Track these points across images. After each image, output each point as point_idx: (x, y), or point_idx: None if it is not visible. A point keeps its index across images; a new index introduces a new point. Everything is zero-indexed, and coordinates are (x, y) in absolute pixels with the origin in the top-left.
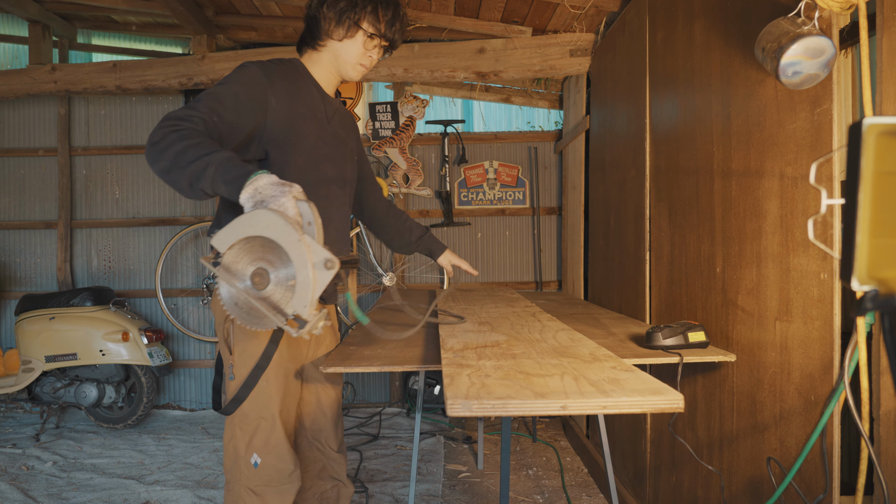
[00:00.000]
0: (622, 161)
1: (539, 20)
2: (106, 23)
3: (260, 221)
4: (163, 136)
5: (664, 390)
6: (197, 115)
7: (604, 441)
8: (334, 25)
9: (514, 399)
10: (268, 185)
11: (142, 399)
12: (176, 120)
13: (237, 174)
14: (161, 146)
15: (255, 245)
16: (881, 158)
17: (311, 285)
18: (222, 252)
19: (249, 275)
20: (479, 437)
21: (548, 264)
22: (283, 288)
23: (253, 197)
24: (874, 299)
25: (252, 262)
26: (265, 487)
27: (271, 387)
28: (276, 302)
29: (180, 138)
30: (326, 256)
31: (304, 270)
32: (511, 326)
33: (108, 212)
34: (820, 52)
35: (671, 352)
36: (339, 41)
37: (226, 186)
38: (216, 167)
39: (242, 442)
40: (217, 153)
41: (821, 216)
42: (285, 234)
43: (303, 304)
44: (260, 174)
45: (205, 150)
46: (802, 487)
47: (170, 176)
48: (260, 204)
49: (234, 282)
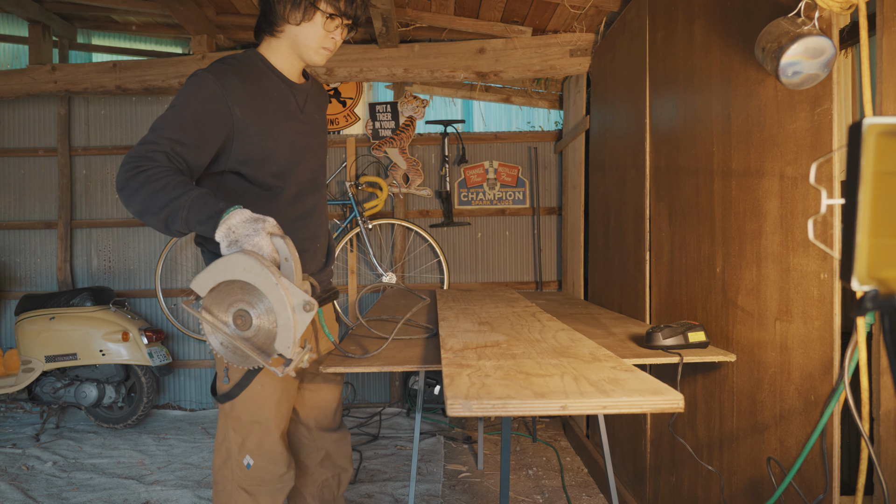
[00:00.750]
0: (622, 161)
1: (539, 20)
2: (106, 23)
3: (237, 265)
4: (128, 179)
5: (664, 390)
6: (159, 150)
7: (604, 441)
8: (290, 8)
9: (514, 399)
10: (241, 224)
11: (142, 399)
12: (139, 160)
13: (209, 213)
14: (129, 191)
15: (235, 287)
16: (881, 158)
17: (291, 328)
18: (202, 295)
19: (231, 317)
20: (479, 437)
21: (548, 264)
22: (265, 329)
23: (227, 236)
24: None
25: (233, 304)
26: (258, 487)
27: (266, 391)
28: (261, 343)
29: (146, 181)
30: (305, 299)
31: (285, 313)
32: (511, 326)
33: (108, 212)
34: (820, 52)
35: (671, 352)
36: (296, 25)
37: (200, 226)
38: (188, 209)
39: (235, 444)
40: (187, 194)
41: (821, 216)
42: (262, 278)
43: (286, 345)
44: (232, 211)
45: (174, 191)
46: (802, 487)
47: (144, 218)
48: (235, 244)
49: (217, 324)
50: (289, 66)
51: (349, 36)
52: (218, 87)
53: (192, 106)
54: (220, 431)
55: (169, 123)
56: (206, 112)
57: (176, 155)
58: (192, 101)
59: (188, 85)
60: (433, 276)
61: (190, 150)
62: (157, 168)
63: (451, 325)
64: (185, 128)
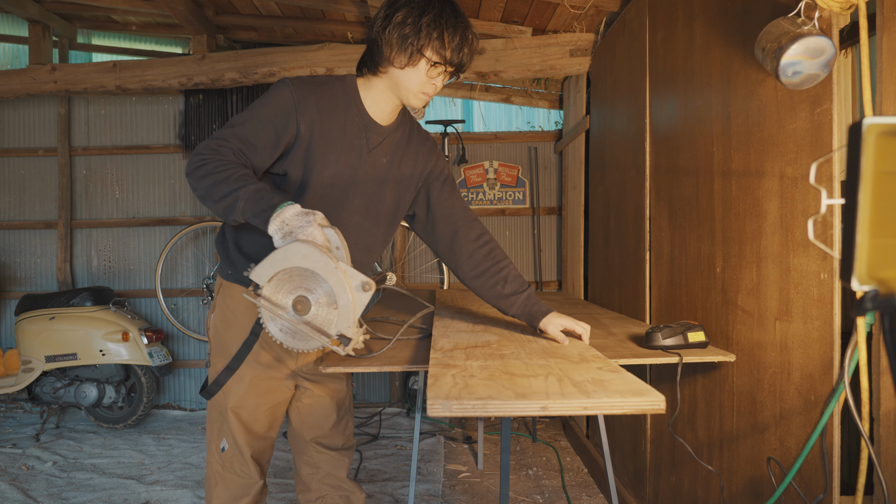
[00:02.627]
0: (622, 161)
1: (539, 20)
2: (106, 23)
3: (296, 253)
4: (196, 167)
5: (646, 391)
6: (227, 146)
7: (604, 441)
8: (396, 52)
9: (494, 400)
10: (293, 217)
11: (142, 399)
12: (209, 152)
13: (264, 206)
14: (196, 177)
15: (293, 275)
16: (881, 158)
17: (351, 308)
18: (262, 285)
19: (291, 303)
20: (479, 437)
21: (548, 264)
22: (324, 312)
23: (281, 229)
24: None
25: (292, 291)
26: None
27: (242, 387)
28: (320, 325)
29: (212, 171)
30: (363, 280)
31: (345, 295)
32: (505, 326)
33: (108, 212)
34: (820, 52)
35: (671, 352)
36: (400, 69)
37: (255, 219)
38: (245, 201)
39: (213, 433)
40: (245, 187)
41: (821, 216)
42: (322, 263)
43: (346, 324)
44: (285, 206)
45: (234, 184)
46: (802, 487)
47: (206, 203)
48: (289, 235)
49: (277, 310)
50: (380, 105)
51: (451, 81)
52: (292, 99)
53: (266, 112)
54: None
55: (242, 123)
56: (274, 120)
57: (241, 154)
58: (266, 106)
59: (270, 91)
60: (433, 276)
61: (253, 152)
62: (222, 161)
63: (445, 325)
64: (254, 130)
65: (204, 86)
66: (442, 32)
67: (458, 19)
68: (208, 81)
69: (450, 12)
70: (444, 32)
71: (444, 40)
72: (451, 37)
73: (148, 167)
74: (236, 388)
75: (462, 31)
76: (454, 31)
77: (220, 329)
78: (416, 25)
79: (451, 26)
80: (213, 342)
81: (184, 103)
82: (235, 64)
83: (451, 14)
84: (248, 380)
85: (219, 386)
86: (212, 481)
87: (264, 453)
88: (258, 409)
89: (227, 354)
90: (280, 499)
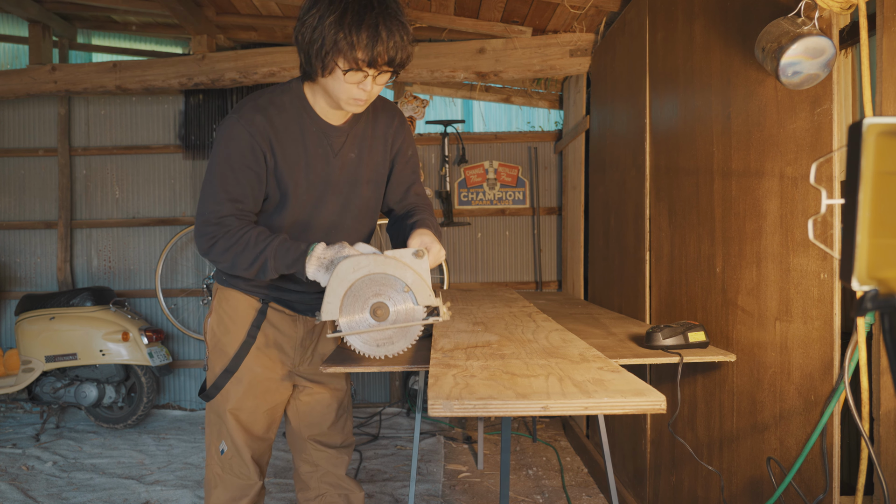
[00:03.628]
0: (622, 161)
1: (539, 20)
2: (106, 23)
3: (346, 272)
4: (210, 248)
5: (647, 391)
6: (225, 213)
7: (604, 441)
8: (311, 61)
9: (495, 400)
10: (324, 251)
11: (142, 399)
12: (213, 228)
13: (294, 256)
14: (213, 255)
15: (355, 291)
16: (881, 158)
17: (420, 279)
18: (337, 318)
19: (369, 314)
20: (479, 437)
21: (548, 264)
22: (402, 299)
23: (320, 267)
24: (874, 299)
25: (364, 305)
26: (227, 474)
27: (240, 389)
28: (407, 313)
29: (227, 246)
30: (412, 251)
31: (407, 272)
32: (505, 327)
33: (108, 212)
34: (820, 52)
35: (671, 352)
36: (322, 78)
37: (289, 270)
38: (273, 258)
39: (212, 435)
40: (268, 246)
41: (821, 216)
42: (372, 262)
43: (426, 295)
44: (312, 249)
45: (255, 247)
46: (802, 487)
47: (234, 272)
48: (331, 266)
49: (363, 331)
50: (328, 109)
51: (391, 81)
52: (247, 133)
53: (234, 160)
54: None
55: (221, 184)
56: (245, 162)
57: (241, 213)
58: (231, 154)
59: (223, 136)
60: (433, 276)
61: (247, 202)
62: (230, 231)
63: (445, 325)
64: (236, 183)
65: (204, 86)
66: (348, 33)
67: (365, 14)
68: (208, 81)
69: (356, 8)
70: (350, 33)
71: (353, 42)
72: (357, 37)
73: (148, 167)
74: (234, 390)
75: (371, 27)
76: (359, 30)
77: (218, 333)
78: (321, 31)
79: (357, 24)
80: (210, 345)
81: (184, 103)
82: (235, 64)
83: (356, 10)
84: (246, 382)
85: (217, 389)
86: (211, 483)
87: (263, 454)
88: (256, 410)
89: (224, 357)
90: (280, 499)
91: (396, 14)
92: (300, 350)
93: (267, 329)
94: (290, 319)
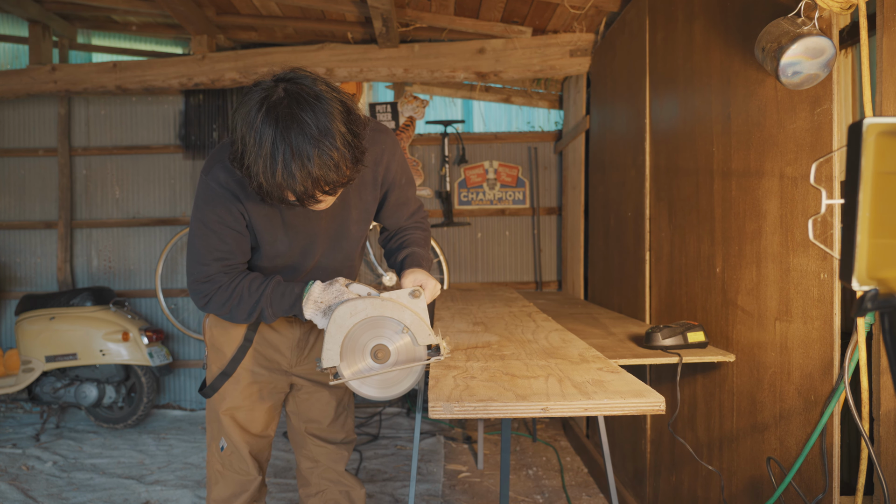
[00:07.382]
0: (622, 161)
1: (539, 20)
2: (106, 23)
3: (344, 317)
4: (205, 305)
5: (646, 392)
6: (213, 272)
7: (604, 441)
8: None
9: (495, 401)
10: (321, 293)
11: (142, 399)
12: (205, 286)
13: (291, 300)
14: (210, 309)
15: (354, 335)
16: (881, 158)
17: (418, 319)
18: (338, 364)
19: (369, 358)
20: (479, 437)
21: (548, 264)
22: (402, 341)
23: (317, 311)
24: (874, 299)
25: (365, 349)
26: (227, 470)
27: (238, 390)
28: (409, 352)
29: (222, 301)
30: (408, 291)
31: (405, 313)
32: (505, 327)
33: (108, 212)
34: (820, 52)
35: (670, 352)
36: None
37: (287, 314)
38: (270, 305)
39: (212, 432)
40: (263, 293)
41: (821, 216)
42: (369, 306)
43: (426, 333)
44: (307, 290)
45: (250, 297)
46: (802, 487)
47: (235, 321)
48: (328, 310)
49: (367, 376)
50: None
51: (339, 191)
52: (219, 196)
53: (212, 219)
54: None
55: (205, 245)
56: (225, 220)
57: (229, 267)
58: (207, 220)
59: (197, 199)
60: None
61: (234, 256)
62: (223, 287)
63: (445, 325)
64: (220, 241)
65: (204, 86)
66: (284, 182)
67: (290, 158)
68: (208, 81)
69: (282, 148)
70: (284, 184)
71: (292, 188)
72: (293, 187)
73: (148, 167)
74: (232, 390)
75: (302, 168)
76: (293, 179)
77: (216, 334)
78: (256, 178)
79: (288, 173)
80: (208, 347)
81: (184, 103)
82: (235, 64)
83: (283, 153)
84: (243, 383)
85: (215, 389)
86: (212, 480)
87: (262, 451)
88: (254, 410)
89: (222, 358)
90: (280, 499)
91: (326, 145)
92: (297, 351)
93: (264, 330)
94: (287, 321)
